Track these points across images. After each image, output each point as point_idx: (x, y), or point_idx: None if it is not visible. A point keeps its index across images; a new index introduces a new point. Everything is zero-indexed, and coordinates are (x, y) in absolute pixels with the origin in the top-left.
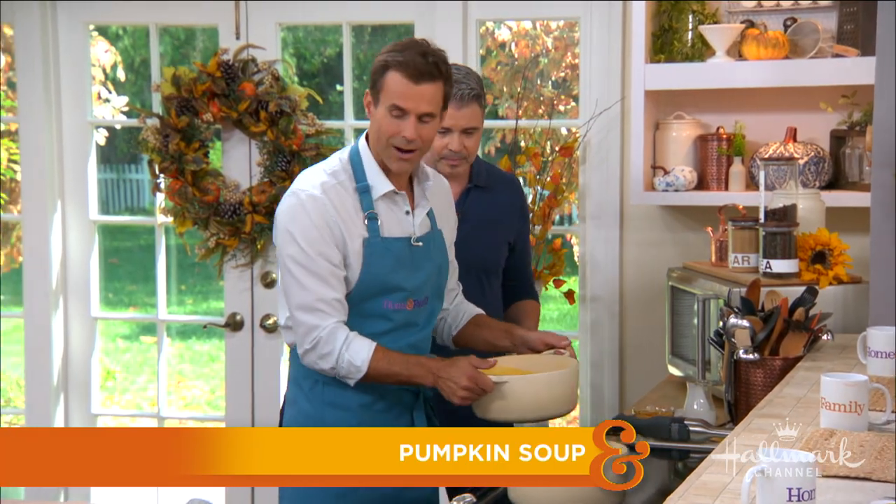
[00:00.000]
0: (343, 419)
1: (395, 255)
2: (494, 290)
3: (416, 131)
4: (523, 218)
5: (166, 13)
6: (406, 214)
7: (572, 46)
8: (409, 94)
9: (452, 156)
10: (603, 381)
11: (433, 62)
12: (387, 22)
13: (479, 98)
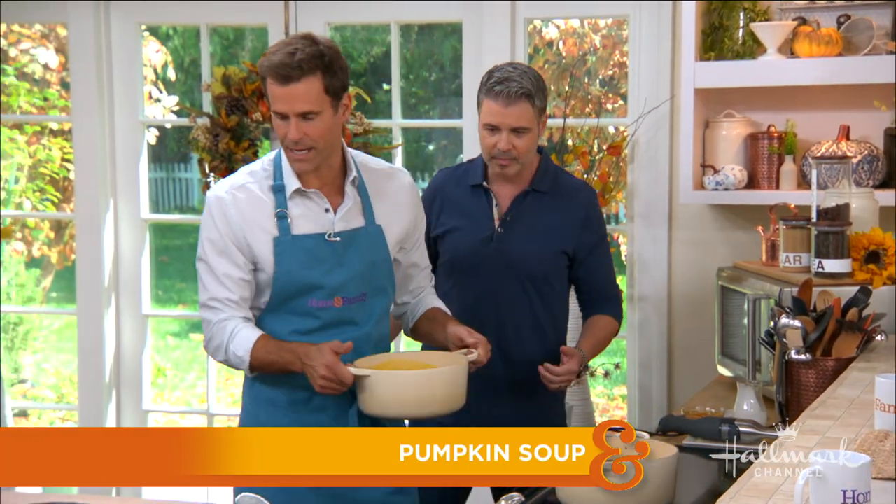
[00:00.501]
0: (275, 417)
1: (308, 251)
2: (548, 301)
3: (299, 131)
4: (588, 230)
5: (217, 13)
6: (325, 212)
7: (620, 45)
8: (282, 97)
9: (501, 155)
10: (651, 381)
11: (299, 60)
12: (435, 21)
13: (529, 96)
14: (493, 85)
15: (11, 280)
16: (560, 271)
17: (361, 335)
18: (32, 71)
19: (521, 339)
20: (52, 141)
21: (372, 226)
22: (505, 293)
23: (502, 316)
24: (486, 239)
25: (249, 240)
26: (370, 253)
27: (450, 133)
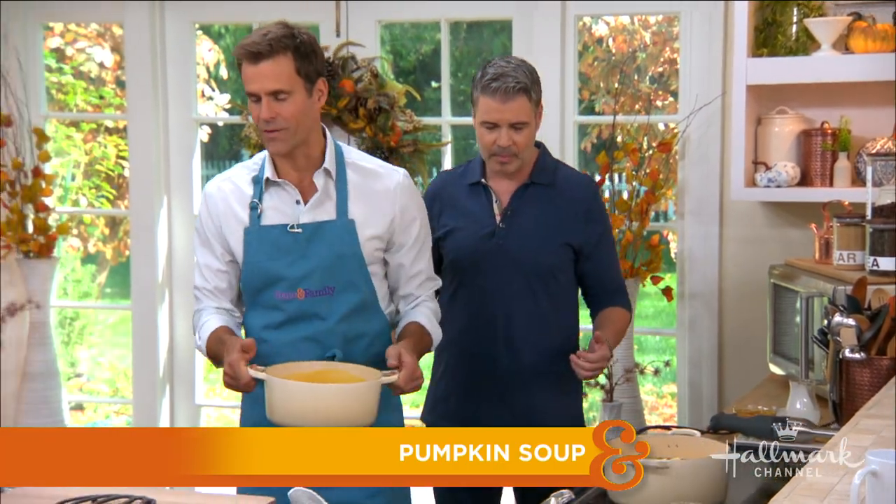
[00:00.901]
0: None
1: (272, 242)
2: (554, 294)
3: (270, 110)
4: (591, 221)
5: (269, 12)
6: (296, 203)
7: (671, 41)
8: (253, 77)
9: (501, 152)
10: (701, 379)
11: (269, 39)
12: (485, 18)
13: (526, 91)
14: (488, 82)
15: (68, 276)
16: (565, 264)
17: (325, 330)
18: (89, 70)
19: (528, 333)
20: (108, 139)
21: (342, 219)
22: (510, 289)
23: (509, 311)
24: (488, 235)
25: (225, 231)
26: (337, 246)
27: None
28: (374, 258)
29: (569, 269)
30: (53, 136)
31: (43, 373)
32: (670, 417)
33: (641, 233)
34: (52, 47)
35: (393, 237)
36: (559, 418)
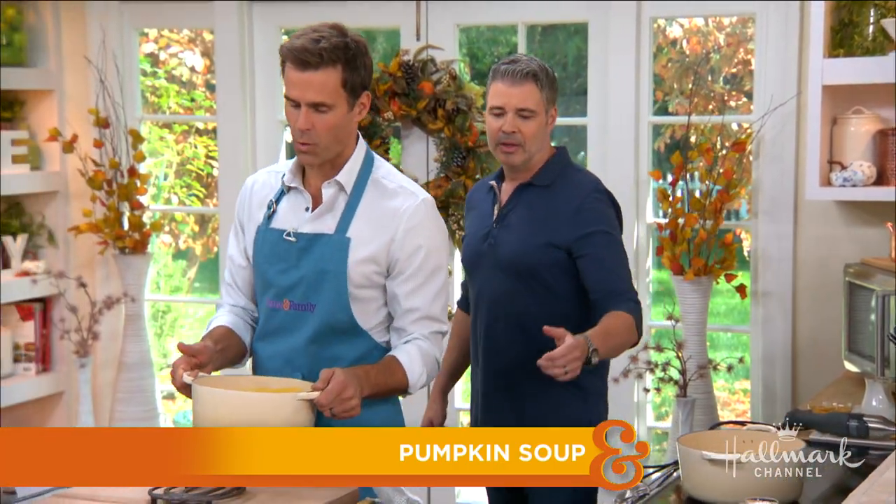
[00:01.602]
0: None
1: (271, 245)
2: (540, 296)
3: (307, 121)
4: (580, 221)
5: (351, 16)
6: (305, 210)
7: (745, 42)
8: (297, 83)
9: (505, 139)
10: (775, 375)
11: (321, 48)
12: (561, 21)
13: (535, 77)
14: (499, 65)
15: (160, 271)
16: (553, 266)
17: (295, 348)
18: (180, 74)
19: (513, 335)
20: (198, 139)
21: (339, 235)
22: (495, 290)
23: (494, 314)
24: (484, 237)
25: (245, 225)
26: (324, 262)
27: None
28: (367, 281)
29: (559, 270)
30: (147, 137)
31: (137, 363)
32: (742, 413)
33: (715, 231)
34: (146, 52)
35: (392, 263)
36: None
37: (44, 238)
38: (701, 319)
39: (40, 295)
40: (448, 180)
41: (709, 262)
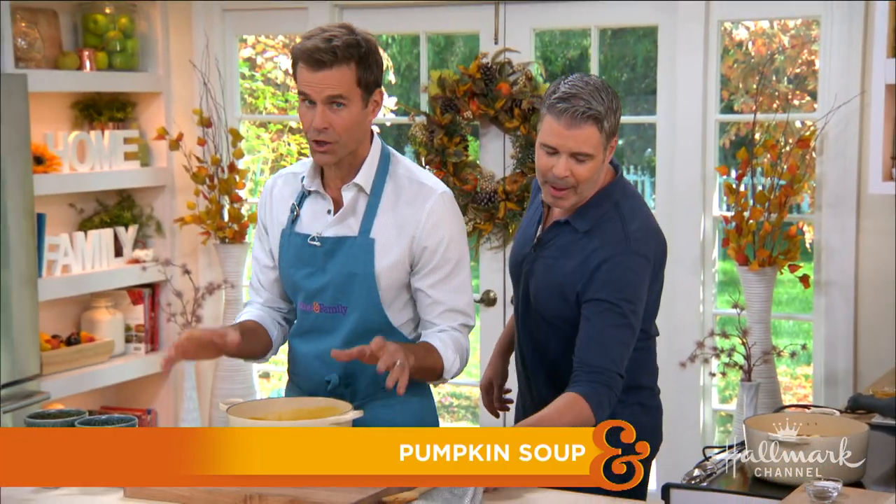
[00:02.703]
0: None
1: (296, 250)
2: (562, 333)
3: (324, 119)
4: (595, 283)
5: (434, 21)
6: (328, 213)
7: (808, 44)
8: (312, 82)
9: (556, 181)
10: (836, 362)
11: (334, 46)
12: (632, 25)
13: (597, 120)
14: (556, 101)
15: None
16: (567, 315)
17: (329, 347)
18: (275, 76)
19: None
20: (291, 138)
21: (363, 237)
22: (526, 320)
23: (528, 342)
24: (524, 258)
25: (269, 228)
26: (351, 264)
27: (639, 129)
28: (397, 282)
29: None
30: (246, 135)
31: None
32: (804, 398)
33: (779, 224)
34: (245, 57)
35: (415, 258)
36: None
37: (152, 229)
38: (765, 308)
39: (149, 281)
40: (523, 175)
41: (773, 253)
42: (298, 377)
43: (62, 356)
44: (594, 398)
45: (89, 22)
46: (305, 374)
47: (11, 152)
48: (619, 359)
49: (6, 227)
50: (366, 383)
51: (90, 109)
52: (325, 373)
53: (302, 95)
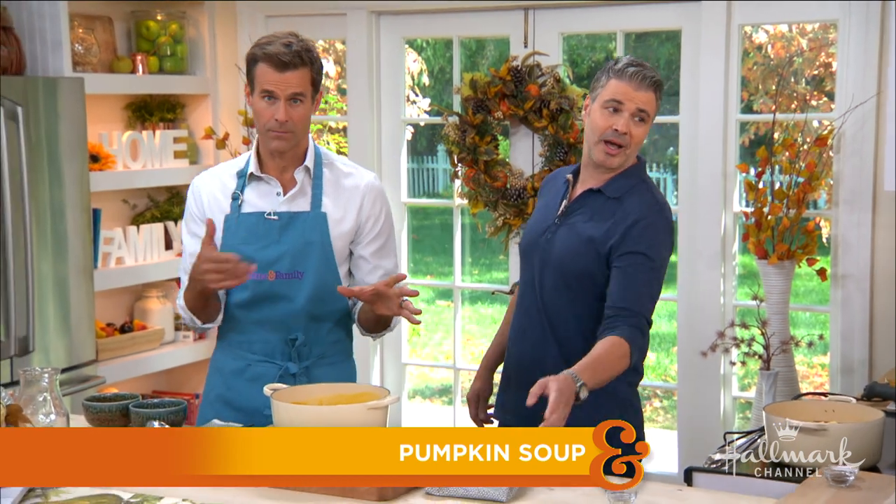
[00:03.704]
0: (219, 384)
1: (248, 227)
2: (590, 299)
3: (286, 113)
4: (628, 239)
5: (466, 26)
6: (277, 195)
7: (826, 47)
8: (276, 82)
9: (615, 137)
10: (853, 352)
11: (296, 51)
12: (656, 29)
13: (658, 87)
14: (625, 66)
15: None
16: (588, 272)
17: (291, 311)
18: None
19: (566, 331)
20: (331, 137)
21: (315, 211)
22: (547, 285)
23: (548, 308)
24: (545, 230)
25: (210, 216)
26: (307, 234)
27: (661, 128)
28: (343, 249)
29: (600, 278)
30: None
31: None
32: (820, 386)
33: (797, 219)
34: None
35: (359, 230)
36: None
37: None
38: (783, 300)
39: None
40: (551, 172)
41: (791, 247)
42: (248, 342)
43: (116, 343)
44: (634, 342)
45: (142, 28)
46: (260, 338)
47: (69, 151)
48: (650, 308)
49: (64, 221)
50: (321, 342)
51: (142, 111)
52: (283, 335)
53: (264, 93)
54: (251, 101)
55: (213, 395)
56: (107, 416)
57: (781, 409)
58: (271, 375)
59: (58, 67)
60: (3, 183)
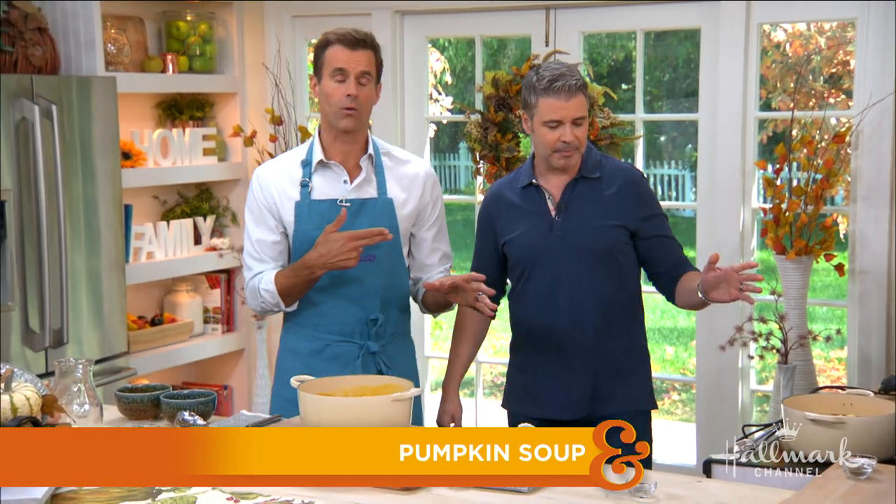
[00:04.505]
0: (294, 365)
1: (322, 214)
2: (615, 276)
3: (356, 89)
4: (641, 205)
5: (488, 25)
6: (343, 182)
7: (844, 45)
8: (348, 59)
9: (565, 147)
10: (870, 346)
11: (364, 34)
12: (675, 27)
13: (584, 89)
14: (549, 83)
15: None
16: (623, 246)
17: (365, 291)
18: None
19: (594, 312)
20: None
21: (383, 197)
22: (574, 273)
23: (575, 294)
24: (547, 230)
25: (280, 208)
26: (378, 220)
27: (680, 126)
28: (406, 231)
29: (627, 251)
30: (313, 132)
31: None
32: (837, 379)
33: (815, 215)
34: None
35: (419, 214)
36: (624, 395)
37: (228, 219)
38: (801, 294)
39: (225, 267)
40: None
41: (809, 243)
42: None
43: (147, 335)
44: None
45: (172, 28)
46: (338, 320)
47: (102, 148)
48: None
49: (97, 217)
50: (393, 321)
51: (172, 109)
52: (363, 314)
53: (336, 72)
54: (320, 87)
55: (288, 375)
56: (139, 407)
57: (799, 403)
58: (352, 354)
59: (91, 67)
60: (38, 179)
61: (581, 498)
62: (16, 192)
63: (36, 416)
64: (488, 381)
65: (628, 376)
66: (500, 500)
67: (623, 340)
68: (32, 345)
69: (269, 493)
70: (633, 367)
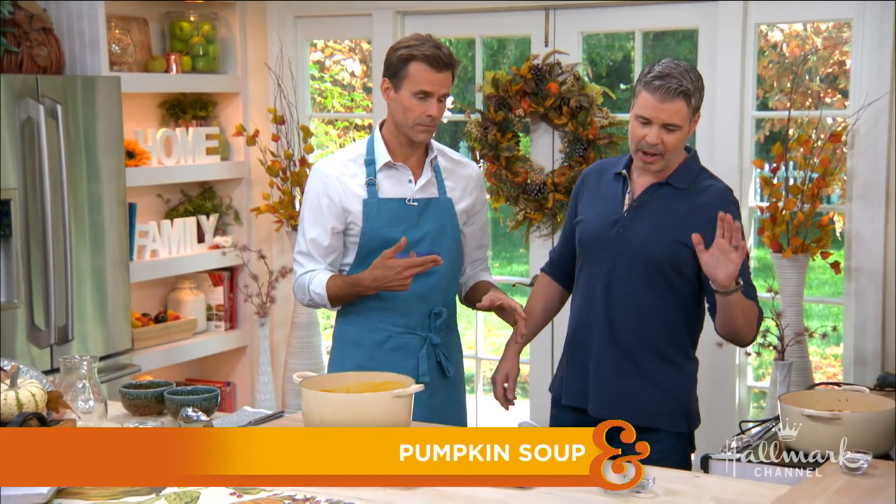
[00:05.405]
0: (355, 356)
1: (391, 212)
2: (662, 289)
3: (438, 110)
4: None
5: (489, 26)
6: (409, 182)
7: (840, 45)
8: (434, 81)
9: (648, 148)
10: (866, 343)
11: (448, 55)
12: (674, 28)
13: (686, 96)
14: (652, 78)
15: None
16: (680, 262)
17: (432, 287)
18: (342, 78)
19: (629, 320)
20: (357, 134)
21: (444, 197)
22: (619, 275)
23: (614, 297)
24: (612, 223)
25: (345, 205)
26: (441, 218)
27: None
28: (460, 230)
29: (686, 270)
30: (315, 132)
31: (306, 323)
32: (833, 376)
33: (811, 214)
34: (314, 60)
35: (470, 212)
36: (653, 406)
37: (231, 217)
38: (798, 292)
39: (228, 265)
40: (571, 168)
41: (805, 241)
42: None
43: (151, 332)
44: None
45: (175, 29)
46: (402, 313)
47: (106, 147)
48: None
49: (101, 215)
50: (450, 314)
51: (176, 108)
52: (427, 308)
53: (420, 92)
54: (396, 95)
55: (349, 364)
56: (143, 403)
57: (795, 399)
58: (414, 346)
59: (95, 67)
60: (43, 178)
61: (580, 493)
62: (21, 191)
63: (41, 413)
64: (488, 379)
65: (660, 389)
66: (501, 495)
67: (657, 355)
68: (38, 342)
69: (271, 488)
70: (664, 385)
